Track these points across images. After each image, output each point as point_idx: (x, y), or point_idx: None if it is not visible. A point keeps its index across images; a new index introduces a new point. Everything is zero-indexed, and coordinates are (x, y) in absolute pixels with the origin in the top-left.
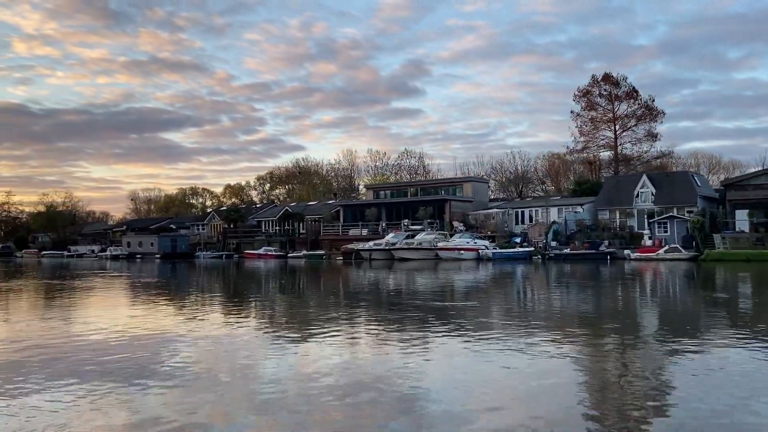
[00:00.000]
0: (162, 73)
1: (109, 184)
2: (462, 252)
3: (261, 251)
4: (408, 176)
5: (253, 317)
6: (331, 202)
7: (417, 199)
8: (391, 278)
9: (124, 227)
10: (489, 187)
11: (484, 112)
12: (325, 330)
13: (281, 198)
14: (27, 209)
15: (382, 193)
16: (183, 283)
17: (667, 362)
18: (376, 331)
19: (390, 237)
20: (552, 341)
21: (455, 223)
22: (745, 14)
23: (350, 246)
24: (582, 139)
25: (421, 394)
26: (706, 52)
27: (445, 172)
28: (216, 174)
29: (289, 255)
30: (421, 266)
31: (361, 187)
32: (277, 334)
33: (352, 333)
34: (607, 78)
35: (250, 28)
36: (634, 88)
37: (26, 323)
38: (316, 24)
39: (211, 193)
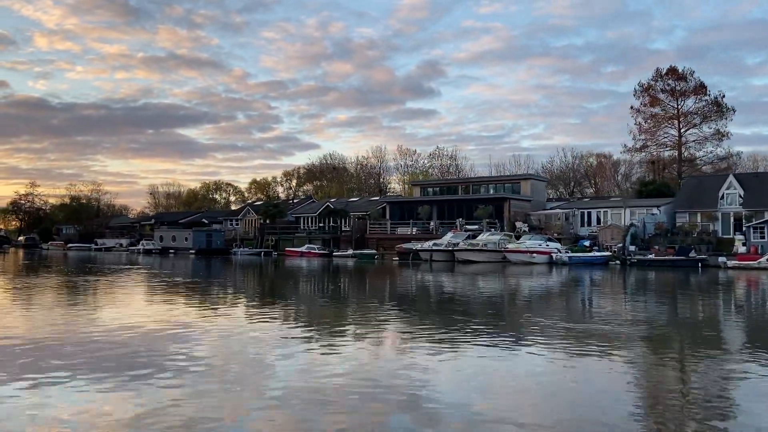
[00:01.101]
0: (180, 69)
1: (125, 178)
2: (534, 255)
3: (303, 249)
4: (439, 174)
5: (307, 324)
6: (375, 198)
7: (474, 197)
8: (459, 282)
9: (153, 220)
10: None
11: (500, 114)
12: (378, 337)
13: (308, 194)
14: (51, 201)
15: (430, 190)
16: (225, 283)
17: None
18: (437, 343)
19: (449, 237)
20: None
21: (518, 224)
22: (764, 20)
23: (406, 245)
24: (642, 137)
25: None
26: (724, 58)
27: (479, 170)
28: (231, 170)
29: (334, 254)
30: (488, 269)
31: (392, 184)
32: (332, 342)
33: (410, 346)
34: (672, 72)
35: (267, 27)
36: (702, 83)
37: (63, 319)
38: (333, 23)
39: (235, 188)
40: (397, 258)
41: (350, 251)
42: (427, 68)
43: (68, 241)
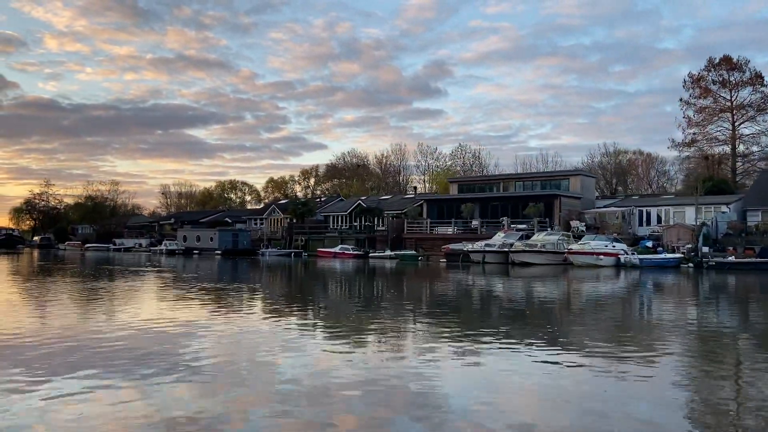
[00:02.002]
0: (188, 70)
1: (134, 178)
2: (601, 257)
3: (337, 249)
4: (461, 172)
5: (354, 332)
6: (409, 196)
7: (520, 194)
8: (518, 287)
9: (172, 220)
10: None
11: (507, 114)
12: (422, 347)
13: (334, 193)
14: (66, 200)
15: (468, 186)
16: (257, 286)
17: None
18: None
19: (501, 237)
20: None
21: (574, 223)
22: None
23: (453, 246)
24: (692, 131)
25: None
26: (733, 57)
27: (503, 168)
28: (239, 171)
29: (370, 254)
30: (548, 273)
31: (414, 183)
32: (379, 349)
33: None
34: (726, 61)
35: (275, 28)
36: (758, 73)
37: (85, 323)
38: (340, 24)
39: (250, 187)
40: (444, 259)
41: (388, 252)
42: (434, 68)
43: (85, 241)
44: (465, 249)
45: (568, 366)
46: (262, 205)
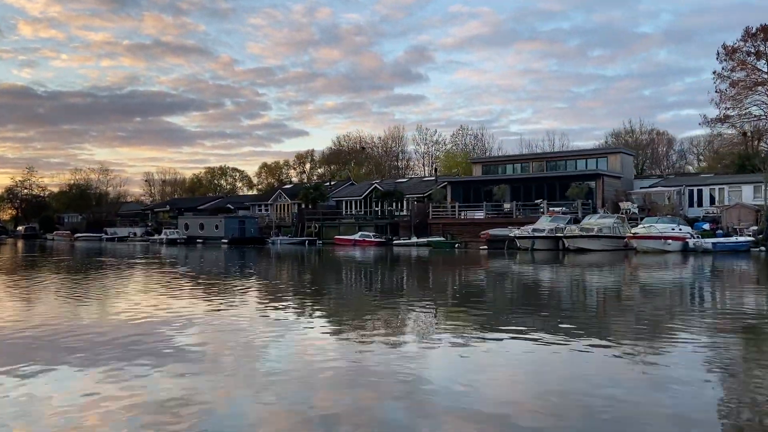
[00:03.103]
0: (166, 56)
1: (113, 166)
2: (669, 242)
3: (357, 237)
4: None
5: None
6: (428, 179)
7: (557, 174)
8: (589, 277)
9: (167, 207)
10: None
11: (488, 99)
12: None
13: (339, 177)
14: (51, 189)
15: (490, 168)
16: (280, 280)
17: None
18: None
19: (546, 221)
20: None
21: (624, 204)
22: (748, 3)
23: (493, 231)
24: (726, 105)
25: None
26: (711, 41)
27: (507, 149)
28: (219, 158)
29: (394, 242)
30: (608, 260)
31: (415, 166)
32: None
33: None
34: (764, 31)
35: (254, 13)
36: None
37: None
38: (320, 9)
39: (241, 173)
40: (485, 246)
41: (414, 239)
42: (414, 54)
43: (74, 230)
44: (511, 234)
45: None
46: (255, 191)
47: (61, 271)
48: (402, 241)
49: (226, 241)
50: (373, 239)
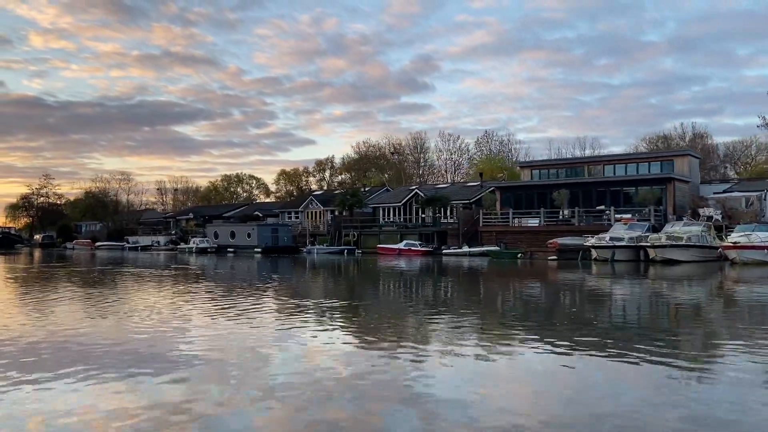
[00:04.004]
0: (174, 66)
1: (114, 176)
2: None
3: (401, 245)
4: (482, 157)
5: None
6: (472, 184)
7: (627, 178)
8: (698, 298)
9: (191, 214)
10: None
11: (494, 108)
12: None
13: (344, 184)
14: (71, 197)
15: (537, 172)
16: (341, 297)
17: None
18: None
19: (622, 229)
20: None
21: (706, 211)
22: (753, 11)
23: (561, 240)
24: None
25: None
26: (716, 49)
27: (534, 155)
28: (227, 167)
29: (444, 251)
30: (701, 272)
31: (439, 172)
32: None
33: None
34: None
35: (261, 24)
36: None
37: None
38: (326, 20)
39: (258, 180)
40: (554, 257)
41: (466, 248)
42: (420, 63)
43: (93, 239)
44: (585, 243)
45: None
46: (272, 199)
47: (92, 283)
48: (452, 251)
49: (259, 250)
50: (419, 248)
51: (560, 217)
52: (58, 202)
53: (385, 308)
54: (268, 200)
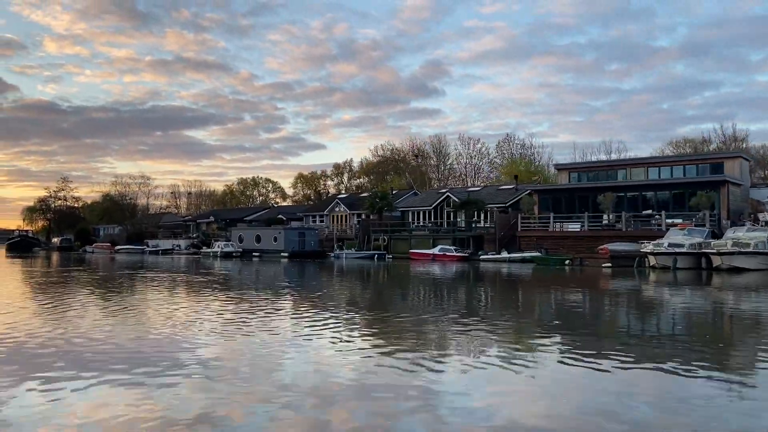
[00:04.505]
0: (187, 72)
1: (134, 180)
2: None
3: (436, 251)
4: (501, 162)
5: None
6: (506, 187)
7: (677, 181)
8: None
9: (211, 218)
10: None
11: (504, 113)
12: None
13: (362, 188)
14: (89, 200)
15: (576, 175)
16: (393, 308)
17: None
18: None
19: (679, 235)
20: None
21: (764, 215)
22: (766, 17)
23: (613, 246)
24: None
25: None
26: (728, 54)
27: (558, 158)
28: (238, 171)
29: (481, 257)
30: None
31: (455, 175)
32: None
33: None
34: None
35: (272, 29)
36: None
37: None
38: (337, 25)
39: (274, 183)
40: (608, 264)
41: (505, 254)
42: (430, 68)
43: (112, 242)
44: (642, 250)
45: None
46: (289, 202)
47: (119, 289)
48: (490, 257)
49: (286, 254)
50: (455, 254)
51: (606, 221)
52: (76, 205)
53: (432, 320)
54: (284, 204)
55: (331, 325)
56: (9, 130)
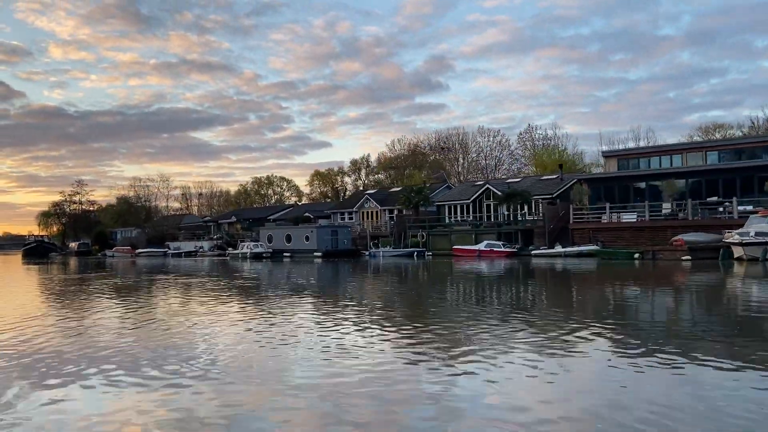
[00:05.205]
0: (191, 74)
1: (153, 181)
2: None
3: (482, 246)
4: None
5: None
6: (549, 177)
7: (749, 164)
8: None
9: (233, 218)
10: None
11: (509, 106)
12: None
13: (379, 183)
14: (99, 204)
15: (625, 162)
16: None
17: None
18: None
19: (762, 222)
20: None
21: None
22: None
23: (689, 237)
24: None
25: None
26: (733, 42)
27: (583, 148)
28: (244, 171)
29: (533, 252)
30: None
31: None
32: None
33: None
34: None
35: (275, 29)
36: None
37: None
38: (340, 23)
39: (289, 182)
40: (688, 257)
41: (559, 248)
42: (434, 63)
43: (133, 246)
44: (727, 240)
45: None
46: (305, 200)
47: (157, 299)
48: (542, 251)
49: (319, 254)
50: (503, 249)
51: (671, 210)
52: (91, 208)
53: (518, 332)
54: (300, 202)
55: (404, 332)
56: (17, 137)
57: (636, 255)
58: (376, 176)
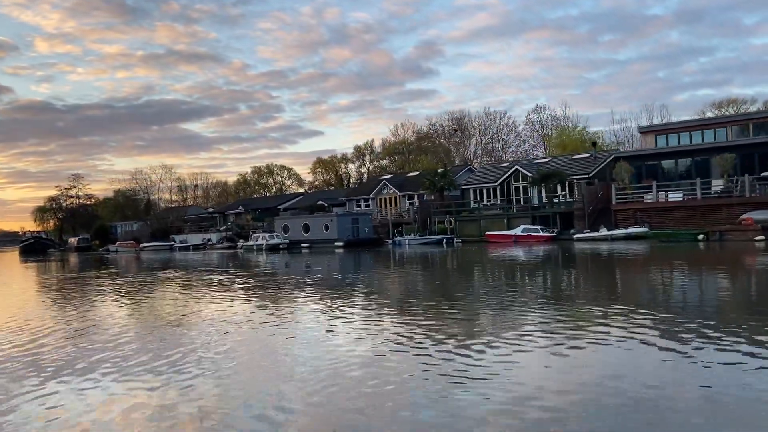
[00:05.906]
0: (179, 65)
1: (133, 175)
2: None
3: (519, 231)
4: (534, 133)
5: None
6: (580, 156)
7: None
8: None
9: (240, 208)
10: None
11: (500, 90)
12: None
13: (385, 170)
14: (97, 198)
15: (664, 137)
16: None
17: None
18: None
19: None
20: None
21: None
22: None
23: (756, 216)
24: None
25: None
26: (723, 19)
27: (590, 128)
28: (236, 162)
29: (574, 236)
30: None
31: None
32: None
33: None
34: None
35: (262, 17)
36: None
37: None
38: (328, 10)
39: (290, 170)
40: (761, 237)
41: (604, 230)
42: (424, 49)
43: (136, 240)
44: None
45: None
46: (303, 189)
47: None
48: (584, 235)
49: (341, 244)
50: (542, 234)
51: (720, 187)
52: (88, 202)
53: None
54: (300, 190)
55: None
56: (5, 132)
57: (700, 236)
58: (380, 162)
